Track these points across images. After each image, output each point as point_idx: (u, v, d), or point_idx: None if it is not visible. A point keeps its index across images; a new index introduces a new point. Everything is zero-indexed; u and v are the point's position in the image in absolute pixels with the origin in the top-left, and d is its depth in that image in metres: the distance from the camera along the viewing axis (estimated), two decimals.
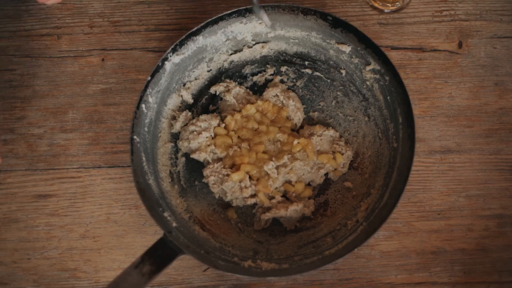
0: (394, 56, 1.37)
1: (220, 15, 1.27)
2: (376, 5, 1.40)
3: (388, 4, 1.40)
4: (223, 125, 1.30)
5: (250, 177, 1.27)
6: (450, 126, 1.34)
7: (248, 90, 1.36)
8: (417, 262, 1.27)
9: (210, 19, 1.27)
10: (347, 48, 1.29)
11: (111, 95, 1.37)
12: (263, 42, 1.34)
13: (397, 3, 1.40)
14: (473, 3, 1.40)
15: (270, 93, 1.33)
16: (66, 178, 1.32)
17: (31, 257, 1.28)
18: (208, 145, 1.28)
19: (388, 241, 1.28)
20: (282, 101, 1.33)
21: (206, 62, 1.33)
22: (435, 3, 1.40)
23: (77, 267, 1.28)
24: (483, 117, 1.34)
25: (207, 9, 1.41)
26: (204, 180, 1.28)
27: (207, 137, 1.28)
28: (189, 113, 1.32)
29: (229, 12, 1.27)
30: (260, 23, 1.30)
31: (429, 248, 1.27)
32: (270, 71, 1.37)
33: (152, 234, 1.29)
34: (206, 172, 1.28)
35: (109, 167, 1.32)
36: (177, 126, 1.30)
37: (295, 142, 1.28)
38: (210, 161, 1.28)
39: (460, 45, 1.38)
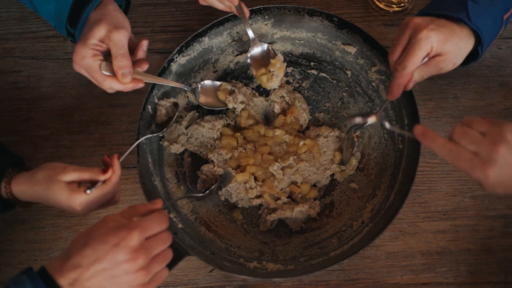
0: None
1: (225, 16, 1.28)
2: (381, 6, 1.41)
3: (393, 5, 1.40)
4: (233, 122, 1.31)
5: (255, 178, 1.27)
6: None
7: (254, 91, 1.36)
8: (422, 263, 1.27)
9: (215, 21, 1.28)
10: (352, 49, 1.29)
11: (117, 96, 1.37)
12: (269, 43, 1.34)
13: (402, 4, 1.40)
14: None
15: (276, 94, 1.33)
16: None
17: (37, 258, 1.28)
18: (211, 146, 1.29)
19: (394, 241, 1.28)
20: (288, 102, 1.33)
21: (211, 63, 1.33)
22: None
23: None
24: (488, 117, 1.34)
25: (212, 10, 1.40)
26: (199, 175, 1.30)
27: (212, 138, 1.29)
28: (197, 113, 1.32)
29: (234, 13, 1.27)
30: (265, 24, 1.30)
31: (434, 248, 1.27)
32: None
33: None
34: (200, 172, 1.30)
35: None
36: (183, 125, 1.30)
37: (301, 143, 1.29)
38: (215, 161, 1.28)
39: None
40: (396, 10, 1.40)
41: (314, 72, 1.37)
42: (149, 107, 1.24)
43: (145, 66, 1.17)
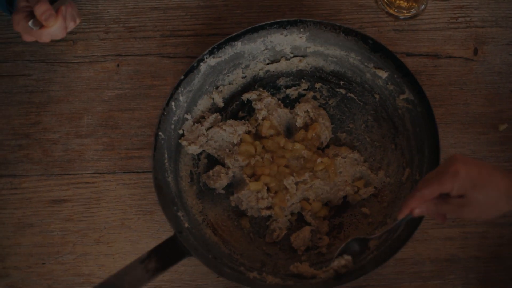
0: (409, 63, 1.36)
1: (261, 24, 1.26)
2: (391, 11, 1.40)
3: (403, 11, 1.40)
4: (254, 130, 1.32)
5: (268, 189, 1.27)
6: (465, 133, 1.33)
7: (279, 101, 1.35)
8: (431, 270, 1.26)
9: (250, 27, 1.26)
10: (384, 74, 1.27)
11: (126, 100, 1.37)
12: (301, 56, 1.33)
13: (413, 10, 1.40)
14: (489, 10, 1.39)
15: (301, 108, 1.32)
16: (81, 184, 1.32)
17: (45, 262, 1.28)
18: (229, 151, 1.29)
19: (402, 248, 1.27)
20: (311, 118, 1.32)
21: (242, 68, 1.33)
22: (450, 9, 1.40)
23: (91, 273, 1.28)
24: (499, 124, 1.34)
25: (222, 15, 1.41)
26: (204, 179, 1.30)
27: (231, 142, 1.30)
28: (219, 116, 1.32)
29: (270, 22, 1.26)
30: (300, 37, 1.30)
31: (443, 255, 1.27)
32: (304, 86, 1.36)
33: None
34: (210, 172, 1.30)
35: (124, 172, 1.33)
36: (205, 126, 1.30)
37: (319, 160, 1.28)
38: (231, 166, 1.28)
39: (475, 52, 1.37)
40: (407, 16, 1.40)
41: (343, 91, 1.35)
42: (173, 103, 1.23)
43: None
